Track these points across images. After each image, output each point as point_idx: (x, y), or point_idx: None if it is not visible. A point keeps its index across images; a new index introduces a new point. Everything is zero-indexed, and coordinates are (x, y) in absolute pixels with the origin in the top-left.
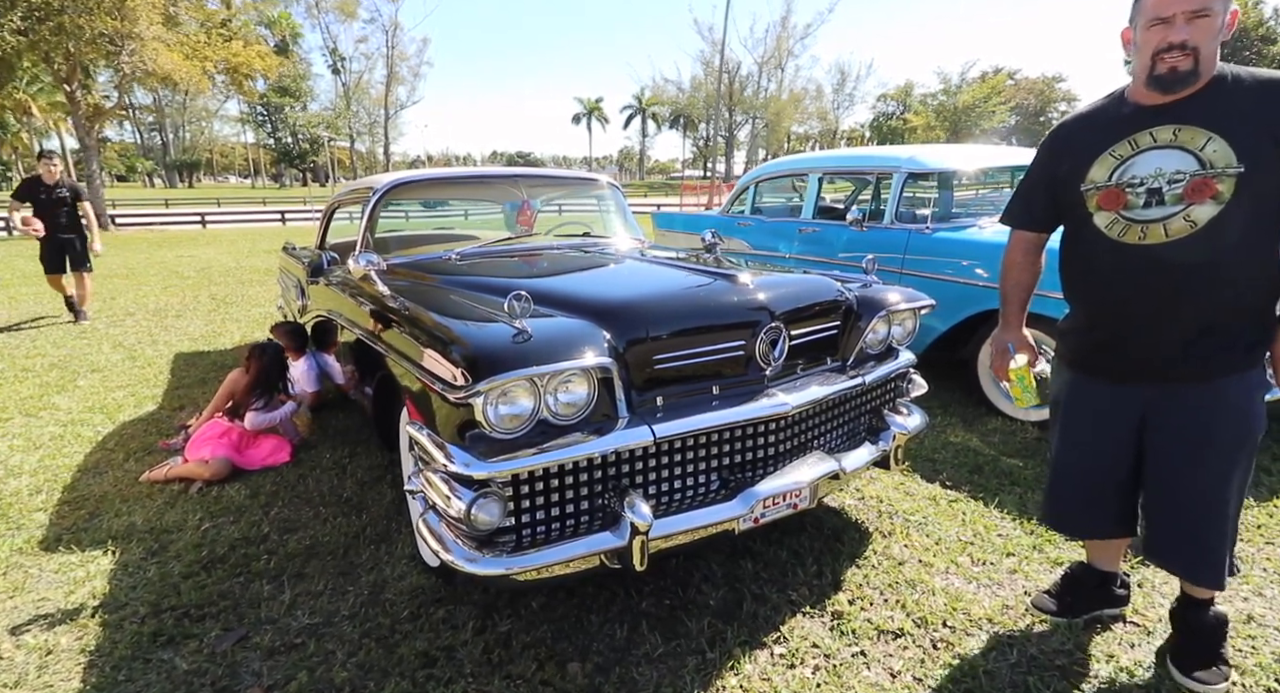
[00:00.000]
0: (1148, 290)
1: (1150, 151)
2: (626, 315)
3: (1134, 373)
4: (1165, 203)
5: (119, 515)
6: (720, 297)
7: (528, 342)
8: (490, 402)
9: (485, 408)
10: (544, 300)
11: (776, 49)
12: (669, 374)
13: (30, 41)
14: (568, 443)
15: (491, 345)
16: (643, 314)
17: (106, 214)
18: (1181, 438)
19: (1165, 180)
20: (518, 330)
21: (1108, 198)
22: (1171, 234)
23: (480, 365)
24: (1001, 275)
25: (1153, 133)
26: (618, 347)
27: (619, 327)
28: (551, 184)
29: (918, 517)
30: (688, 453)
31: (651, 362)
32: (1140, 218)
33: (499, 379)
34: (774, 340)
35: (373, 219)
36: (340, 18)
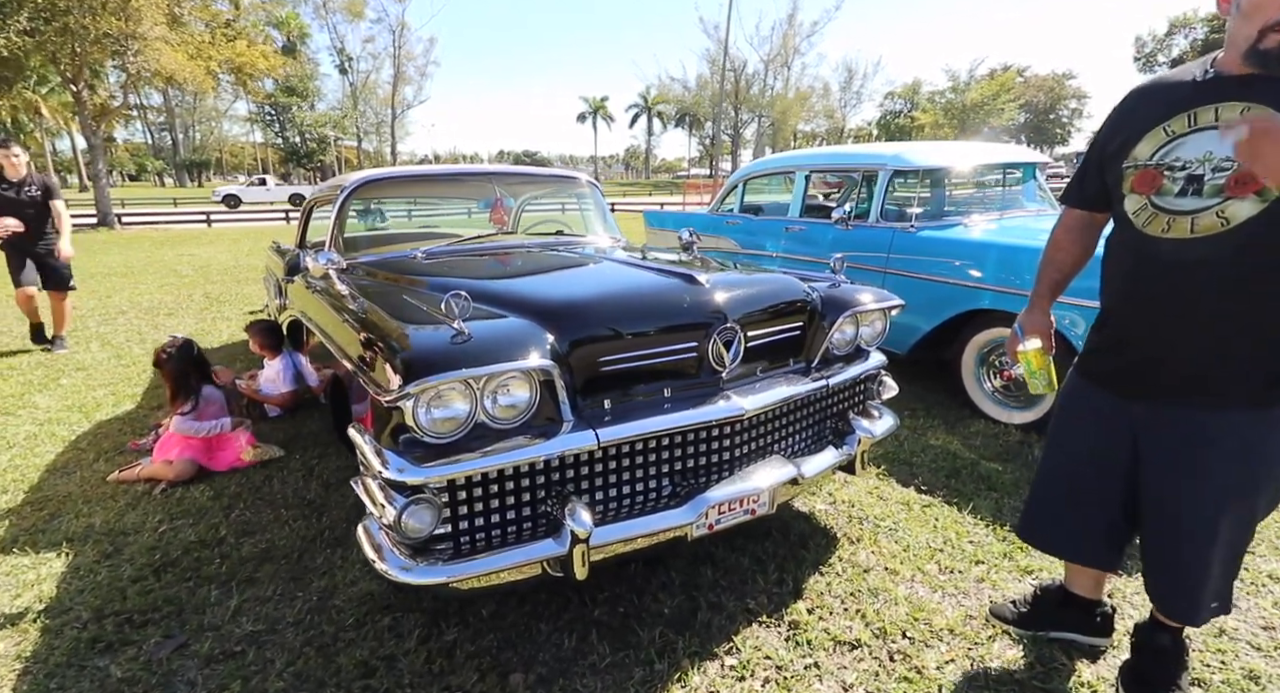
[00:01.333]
0: (1158, 293)
1: (1208, 131)
2: (569, 316)
3: (1133, 384)
4: (1202, 193)
5: (79, 517)
6: (672, 297)
7: (465, 343)
8: (421, 405)
9: (416, 411)
10: (495, 301)
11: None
12: (617, 377)
13: (37, 42)
14: (505, 448)
15: (424, 347)
16: (586, 315)
17: (112, 213)
18: (1173, 466)
19: (1210, 167)
20: (455, 331)
21: (1142, 179)
22: (1197, 230)
23: (412, 367)
24: (1043, 251)
25: (1218, 109)
26: (560, 348)
27: (562, 327)
28: (527, 182)
29: (888, 522)
30: (636, 458)
31: (597, 364)
32: (1170, 207)
33: (430, 381)
34: (728, 342)
35: (341, 217)
36: (348, 18)
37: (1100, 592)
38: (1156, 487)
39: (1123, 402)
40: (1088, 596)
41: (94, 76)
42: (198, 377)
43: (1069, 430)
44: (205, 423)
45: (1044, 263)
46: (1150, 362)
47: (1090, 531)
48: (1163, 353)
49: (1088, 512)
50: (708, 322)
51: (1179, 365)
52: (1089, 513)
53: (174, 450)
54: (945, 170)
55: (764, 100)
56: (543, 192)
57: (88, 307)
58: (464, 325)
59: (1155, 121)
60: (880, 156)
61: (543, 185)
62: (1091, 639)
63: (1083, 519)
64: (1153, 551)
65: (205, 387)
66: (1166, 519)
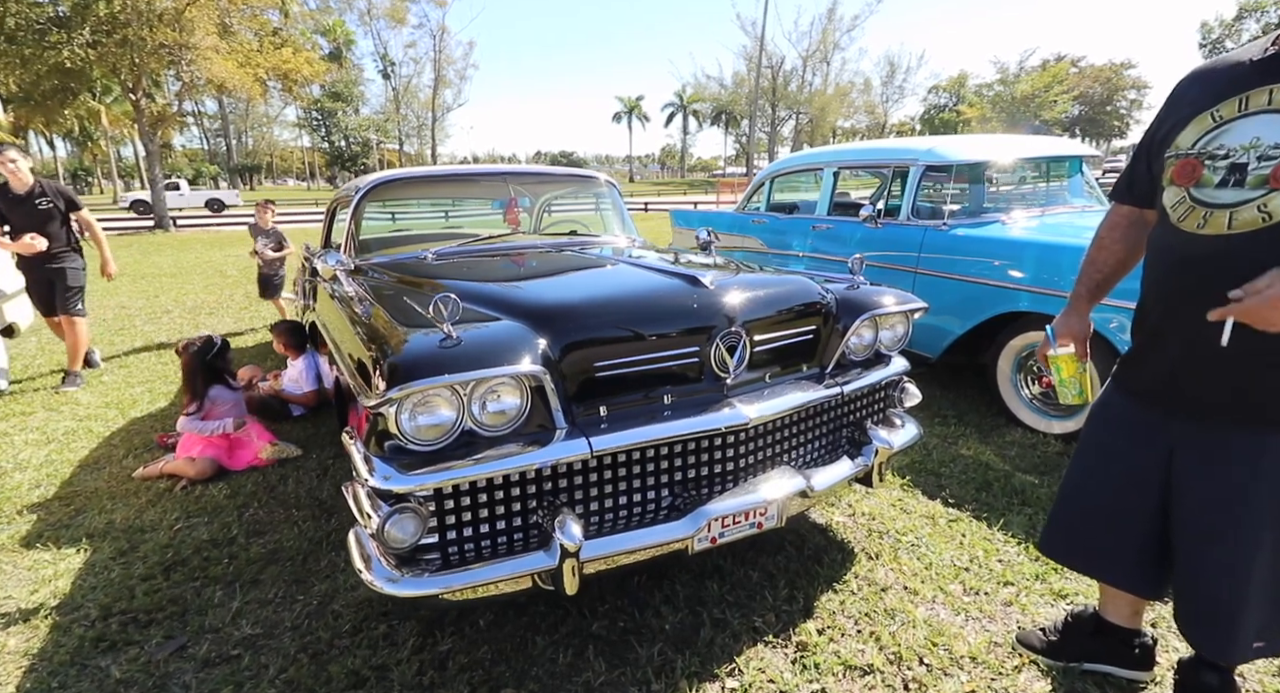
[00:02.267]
0: (1194, 297)
1: (1260, 116)
2: (561, 319)
3: (1168, 397)
4: (1245, 185)
5: (102, 513)
6: (671, 300)
7: (452, 347)
8: (405, 410)
9: (399, 417)
10: (492, 303)
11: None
12: (614, 382)
13: (99, 53)
14: (494, 457)
15: (410, 351)
16: (578, 318)
17: (168, 216)
18: (1207, 489)
19: (1257, 155)
20: (445, 335)
21: (1182, 170)
22: (1236, 226)
23: (395, 372)
24: (1086, 250)
25: (1272, 91)
26: (553, 353)
27: (554, 331)
28: (544, 182)
29: (910, 537)
30: (632, 467)
31: (592, 369)
32: (1208, 200)
33: (413, 386)
34: (732, 347)
35: (357, 218)
36: (391, 24)
37: (1139, 621)
38: (1188, 510)
39: (1158, 417)
40: (1125, 624)
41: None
42: (205, 378)
43: (1100, 443)
44: (210, 423)
45: (1086, 262)
46: (1187, 374)
47: (1120, 549)
48: (1199, 365)
49: (1118, 530)
50: (710, 326)
51: (1217, 379)
52: (1119, 531)
53: (196, 448)
54: (982, 165)
55: (802, 97)
56: (562, 191)
57: (136, 306)
58: (453, 329)
59: (1205, 106)
60: (912, 151)
61: (561, 185)
62: (1129, 673)
63: (1113, 537)
64: (1183, 577)
65: (214, 387)
66: (1199, 546)
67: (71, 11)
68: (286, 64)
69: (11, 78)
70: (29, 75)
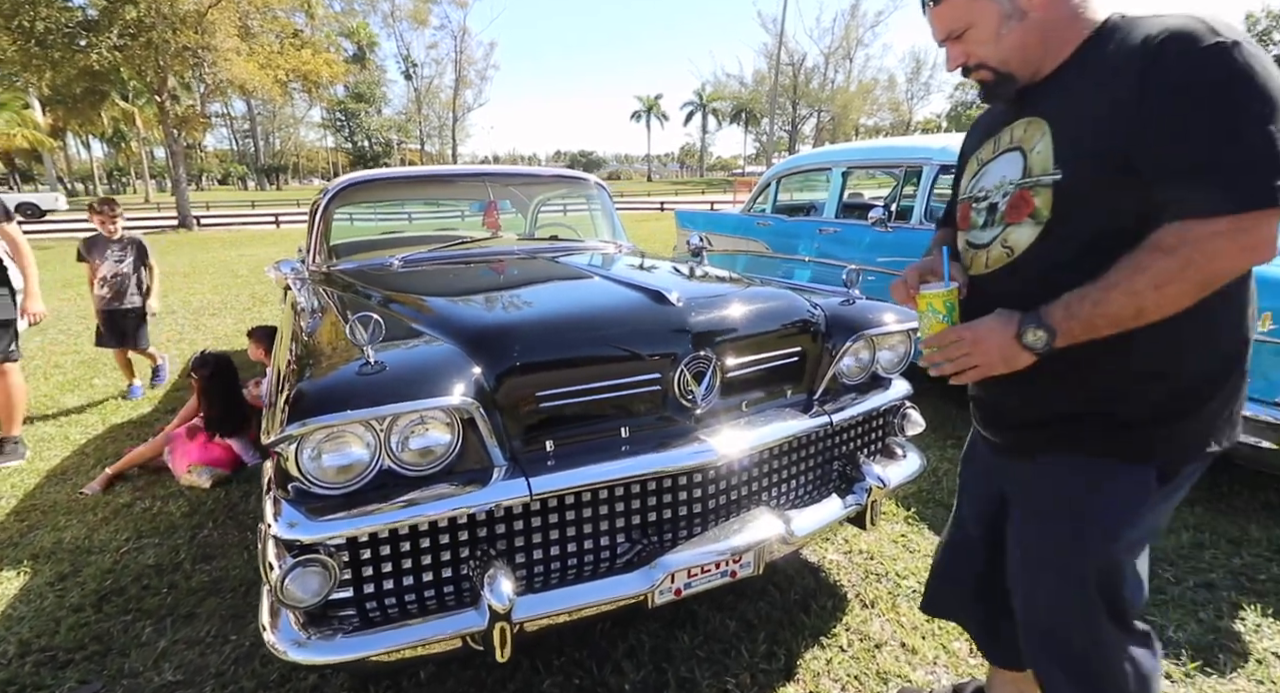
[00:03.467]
0: None
1: (1005, 155)
2: (495, 342)
3: (985, 430)
4: (994, 223)
5: (55, 530)
6: (629, 318)
7: (374, 374)
8: (308, 449)
9: (300, 457)
10: (435, 321)
11: (845, 38)
12: (561, 414)
13: (125, 56)
14: (417, 501)
15: (319, 380)
16: (515, 340)
17: (191, 215)
18: (1008, 520)
19: (1002, 193)
20: (364, 361)
21: (961, 214)
22: (990, 263)
23: (296, 405)
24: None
25: (1012, 129)
26: (487, 381)
27: (488, 355)
28: (528, 183)
29: (913, 582)
30: (581, 511)
31: (534, 399)
32: (975, 241)
33: (314, 423)
34: (700, 373)
35: (326, 222)
36: (413, 25)
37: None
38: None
39: (988, 450)
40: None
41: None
42: (223, 399)
43: (962, 478)
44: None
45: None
46: (990, 407)
47: (961, 591)
48: (994, 397)
49: (962, 570)
50: (671, 350)
51: (1007, 410)
52: (963, 572)
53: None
54: None
55: (823, 94)
56: (549, 193)
57: None
58: (373, 353)
59: (971, 152)
60: (925, 149)
61: (546, 187)
62: None
63: (957, 577)
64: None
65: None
66: (1016, 606)
67: (100, 15)
68: (306, 66)
69: (43, 80)
70: (60, 78)
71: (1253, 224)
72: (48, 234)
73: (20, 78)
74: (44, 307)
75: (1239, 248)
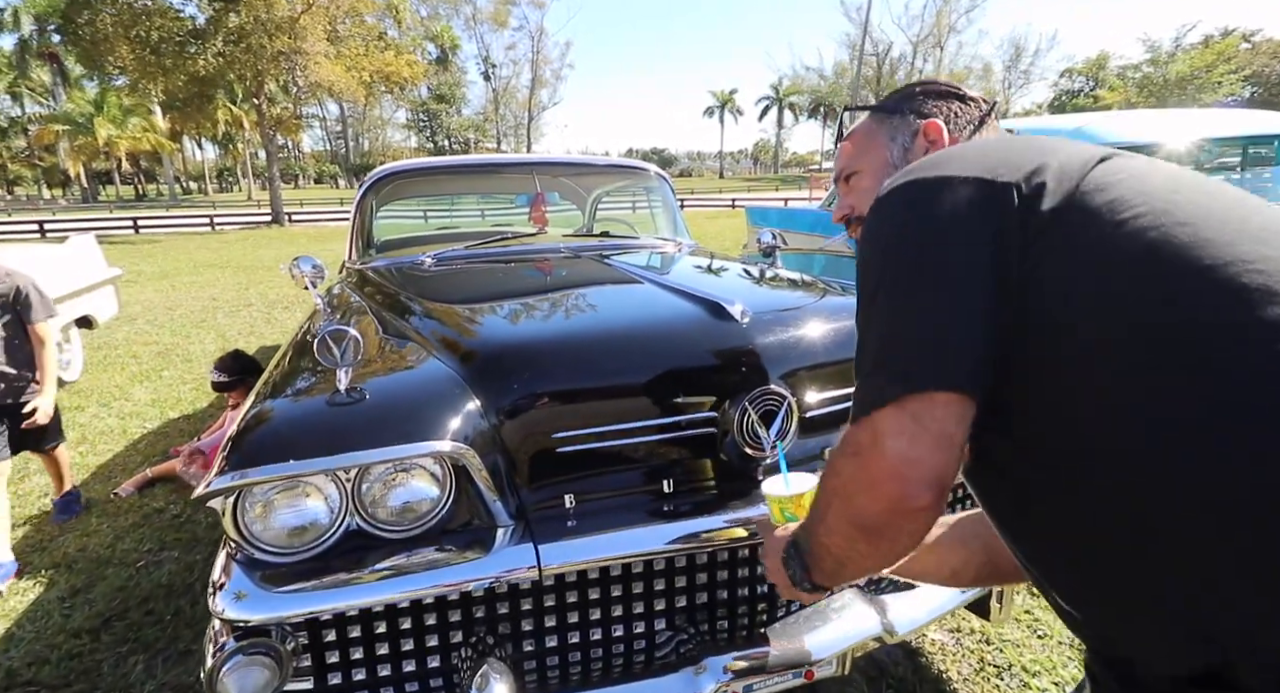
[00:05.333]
0: None
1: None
2: (498, 364)
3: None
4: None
5: (83, 535)
6: (680, 339)
7: (343, 407)
8: (251, 506)
9: (240, 515)
10: (442, 337)
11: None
12: (586, 461)
13: (227, 61)
14: (388, 573)
15: (269, 417)
16: (522, 363)
17: (283, 212)
18: None
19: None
20: (335, 392)
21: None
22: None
23: (233, 451)
24: None
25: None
26: (490, 418)
27: (490, 382)
28: (577, 174)
29: (1045, 681)
30: (608, 590)
31: (549, 440)
32: None
33: (251, 476)
34: (769, 413)
35: (362, 216)
36: (493, 27)
37: None
38: None
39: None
40: None
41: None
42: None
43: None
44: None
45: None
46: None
47: None
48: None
49: None
50: (735, 380)
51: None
52: None
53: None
54: (1153, 148)
55: None
56: (606, 186)
57: (225, 297)
58: (347, 379)
59: None
60: (1054, 130)
61: (601, 178)
62: None
63: None
64: None
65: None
66: None
67: (207, 23)
68: (389, 67)
69: (157, 87)
70: (171, 84)
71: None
72: (158, 228)
73: (140, 85)
74: (51, 403)
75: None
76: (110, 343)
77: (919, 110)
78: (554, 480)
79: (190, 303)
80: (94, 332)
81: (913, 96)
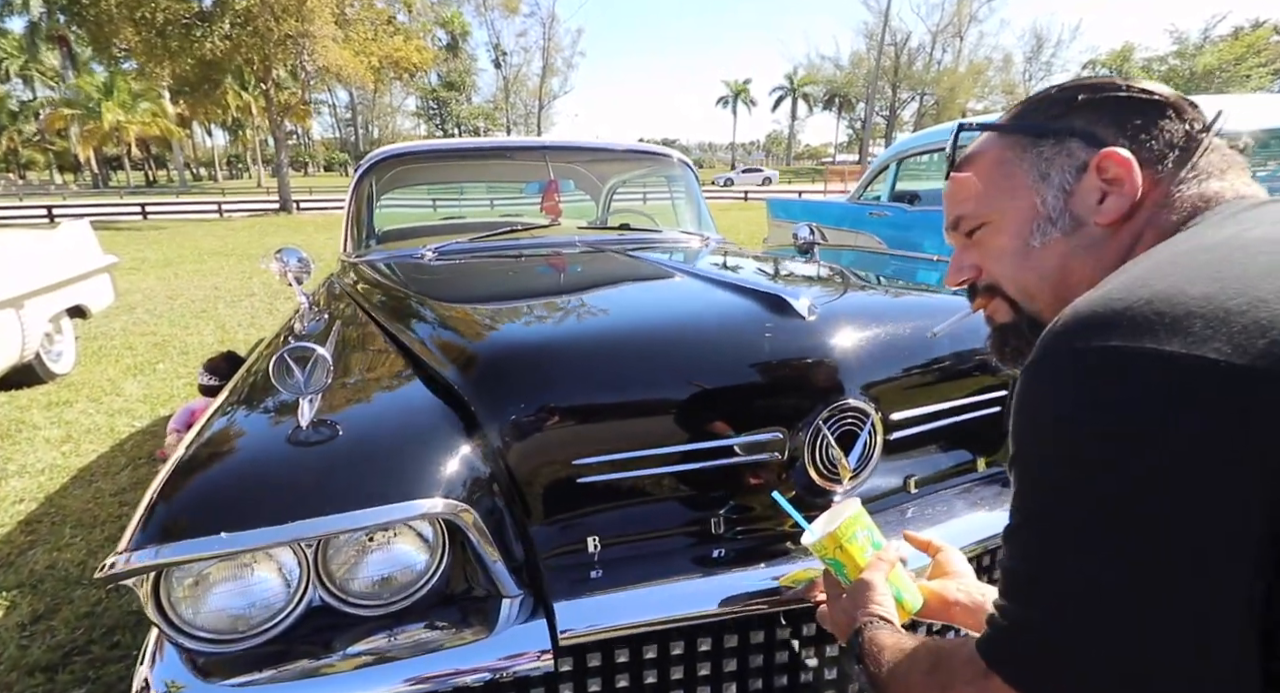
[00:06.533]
0: None
1: None
2: (508, 376)
3: None
4: None
5: (55, 549)
6: (735, 343)
7: (308, 449)
8: (180, 587)
9: (164, 597)
10: (444, 343)
11: (956, 15)
12: (612, 493)
13: (234, 44)
14: (360, 662)
15: (205, 467)
16: (537, 374)
17: (292, 199)
18: None
19: None
20: (295, 428)
21: None
22: None
23: (151, 517)
24: None
25: None
26: (494, 438)
27: (496, 399)
28: (593, 160)
29: None
30: (640, 670)
31: (568, 469)
32: None
33: (169, 556)
34: (849, 433)
35: (357, 203)
36: (505, 13)
37: None
38: None
39: None
40: None
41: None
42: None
43: None
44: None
45: None
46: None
47: None
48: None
49: None
50: (806, 391)
51: None
52: None
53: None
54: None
55: (928, 76)
56: (625, 174)
57: (228, 286)
58: (312, 409)
59: None
60: None
61: (621, 165)
62: None
63: None
64: None
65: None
66: None
67: (213, 5)
68: (398, 52)
69: (164, 70)
70: (179, 68)
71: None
72: (166, 214)
73: (147, 68)
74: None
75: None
76: (106, 333)
77: (1085, 132)
78: (574, 518)
79: (192, 292)
80: (89, 322)
81: (1070, 107)
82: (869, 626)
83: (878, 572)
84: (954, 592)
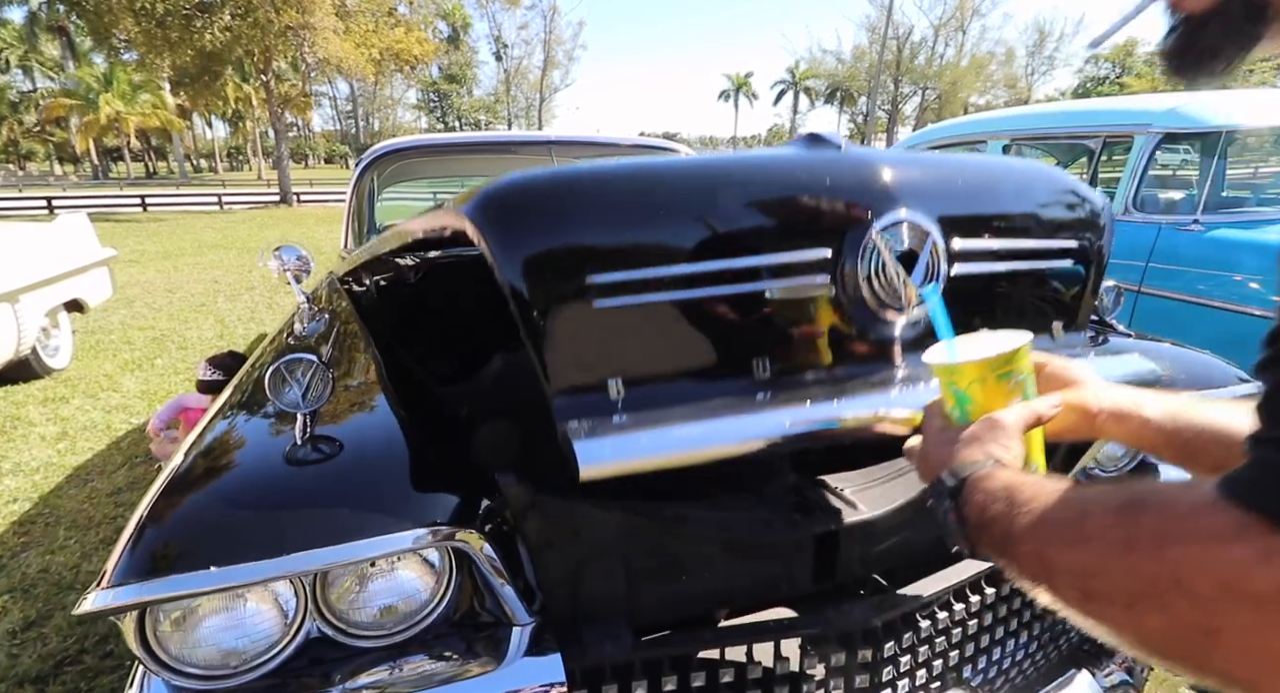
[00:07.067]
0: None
1: None
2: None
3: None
4: None
5: (48, 552)
6: (765, 165)
7: (305, 470)
8: (161, 620)
9: (149, 632)
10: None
11: (958, 9)
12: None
13: (233, 36)
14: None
15: (192, 493)
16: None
17: (292, 192)
18: None
19: None
20: (291, 446)
21: None
22: None
23: (136, 550)
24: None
25: None
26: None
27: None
28: (600, 154)
29: None
30: None
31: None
32: None
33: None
34: (910, 252)
35: (358, 199)
36: (505, 5)
37: None
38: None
39: None
40: None
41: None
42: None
43: None
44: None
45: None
46: None
47: None
48: None
49: None
50: (854, 203)
51: None
52: None
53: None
54: (1257, 134)
55: (930, 70)
56: None
57: (228, 280)
58: (309, 428)
59: None
60: (1141, 112)
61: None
62: None
63: None
64: None
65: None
66: None
67: None
68: (399, 44)
69: (164, 61)
70: (179, 58)
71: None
72: (166, 206)
73: (147, 59)
74: None
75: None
76: (105, 327)
77: None
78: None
79: (191, 285)
80: (87, 316)
81: None
82: (985, 465)
83: (1017, 416)
84: (1094, 398)
